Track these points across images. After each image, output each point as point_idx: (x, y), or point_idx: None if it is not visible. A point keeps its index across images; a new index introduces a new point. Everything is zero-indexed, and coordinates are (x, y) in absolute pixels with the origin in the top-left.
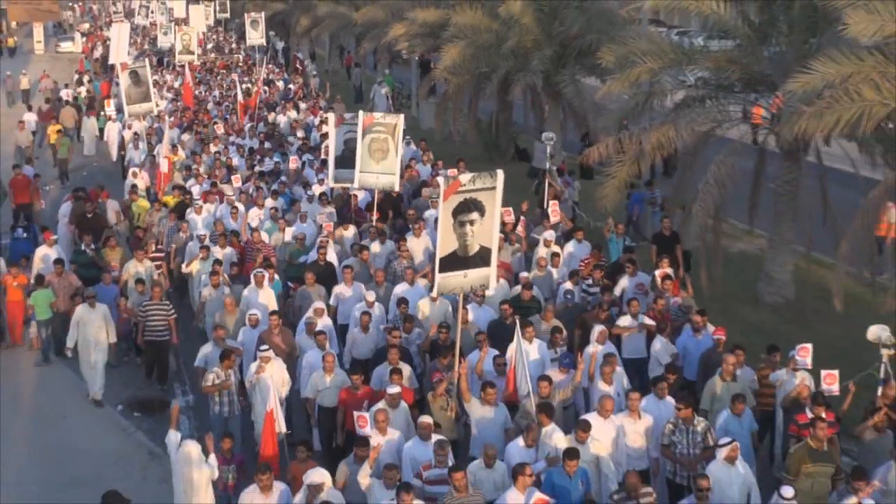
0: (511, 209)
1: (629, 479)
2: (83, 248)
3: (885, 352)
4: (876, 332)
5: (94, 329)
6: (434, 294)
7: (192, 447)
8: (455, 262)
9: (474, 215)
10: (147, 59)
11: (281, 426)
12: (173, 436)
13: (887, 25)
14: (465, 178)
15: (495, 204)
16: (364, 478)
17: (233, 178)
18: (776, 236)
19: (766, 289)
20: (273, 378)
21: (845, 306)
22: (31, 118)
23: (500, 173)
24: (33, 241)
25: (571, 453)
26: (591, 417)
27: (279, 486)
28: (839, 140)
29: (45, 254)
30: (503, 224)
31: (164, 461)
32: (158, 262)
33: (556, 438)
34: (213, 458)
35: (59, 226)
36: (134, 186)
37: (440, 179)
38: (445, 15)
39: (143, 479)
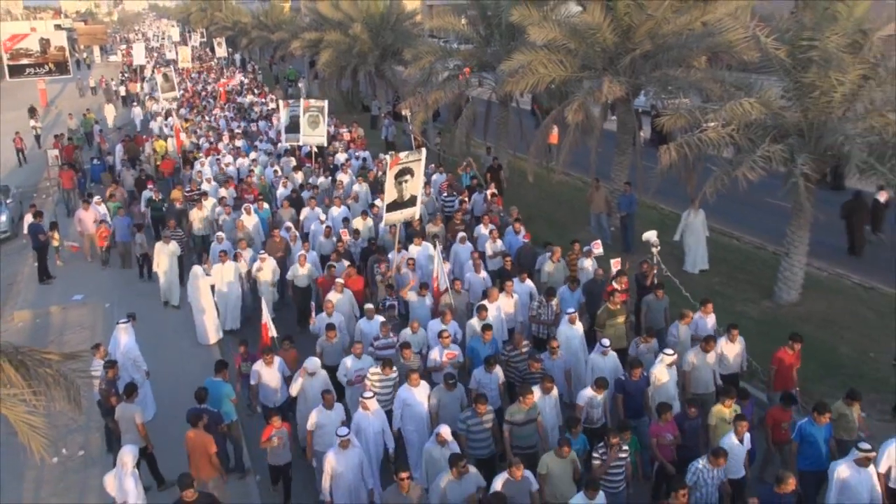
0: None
1: (515, 337)
2: (153, 197)
3: (654, 249)
4: (648, 235)
5: (168, 259)
6: (383, 224)
7: (198, 268)
8: (396, 206)
9: (407, 177)
10: (172, 66)
11: (272, 332)
12: (198, 269)
13: (550, 33)
14: (403, 154)
15: (420, 168)
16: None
17: (223, 136)
18: (497, 146)
19: None
20: (268, 270)
21: (535, 180)
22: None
23: (423, 151)
24: (102, 166)
25: (487, 327)
26: (485, 302)
27: (277, 360)
28: (528, 94)
29: (148, 195)
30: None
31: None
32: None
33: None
34: (207, 269)
35: (116, 158)
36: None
37: (386, 157)
38: (321, 35)
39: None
